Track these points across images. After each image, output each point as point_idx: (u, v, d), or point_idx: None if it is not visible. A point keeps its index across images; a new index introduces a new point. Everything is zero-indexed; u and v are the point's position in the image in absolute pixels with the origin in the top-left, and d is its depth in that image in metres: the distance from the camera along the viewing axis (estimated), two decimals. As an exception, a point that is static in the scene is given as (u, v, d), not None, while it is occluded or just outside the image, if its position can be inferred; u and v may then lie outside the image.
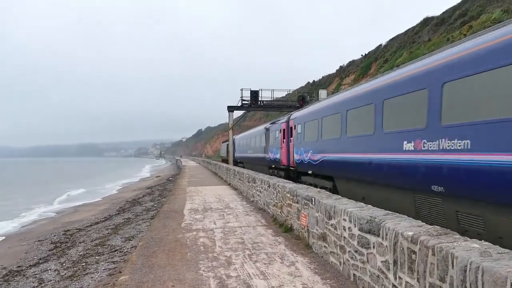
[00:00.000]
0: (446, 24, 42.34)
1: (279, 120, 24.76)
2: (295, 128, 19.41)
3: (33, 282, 9.64)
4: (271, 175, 22.34)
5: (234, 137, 44.03)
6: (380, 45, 62.83)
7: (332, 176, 14.27)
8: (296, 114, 20.29)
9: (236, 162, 41.93)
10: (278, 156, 22.77)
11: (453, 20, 41.10)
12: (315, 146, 15.71)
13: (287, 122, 21.42)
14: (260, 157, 28.71)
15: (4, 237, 18.60)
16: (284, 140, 21.70)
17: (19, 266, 11.80)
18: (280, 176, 21.09)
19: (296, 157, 18.75)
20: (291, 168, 20.47)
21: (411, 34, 51.70)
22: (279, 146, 22.56)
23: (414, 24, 54.50)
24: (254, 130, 34.26)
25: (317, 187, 12.55)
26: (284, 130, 21.88)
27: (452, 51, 7.80)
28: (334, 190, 13.74)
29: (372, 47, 73.46)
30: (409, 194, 9.12)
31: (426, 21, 50.30)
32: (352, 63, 70.56)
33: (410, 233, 4.37)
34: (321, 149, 14.94)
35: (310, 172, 16.64)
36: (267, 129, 27.33)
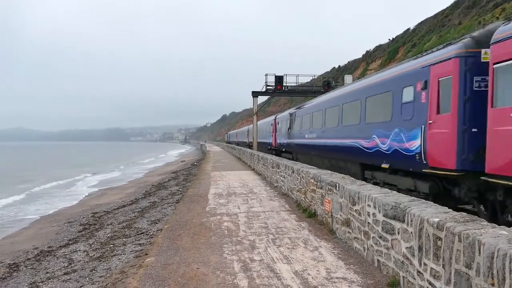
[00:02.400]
0: (478, 6, 40.98)
1: (414, 60, 11.43)
2: None
3: (63, 262, 9.95)
4: (370, 182, 12.26)
5: (277, 115, 34.25)
6: (408, 29, 61.43)
7: None
8: None
9: (278, 151, 31.37)
10: (417, 144, 10.37)
11: (485, 3, 39.73)
12: None
13: (477, 48, 8.86)
14: (340, 146, 16.01)
15: (38, 217, 19.25)
16: (453, 102, 9.14)
17: (50, 247, 12.21)
18: (420, 196, 9.53)
19: None
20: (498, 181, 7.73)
21: (441, 17, 50.30)
22: (419, 121, 10.35)
23: (444, 7, 53.01)
24: (324, 98, 20.17)
25: None
26: (454, 76, 9.15)
27: None
28: None
29: (400, 31, 71.92)
30: None
31: (457, 3, 48.78)
32: (379, 47, 69.27)
33: (436, 220, 4.32)
34: None
35: None
36: (357, 91, 15.04)
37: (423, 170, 10.06)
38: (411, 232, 4.88)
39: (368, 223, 6.29)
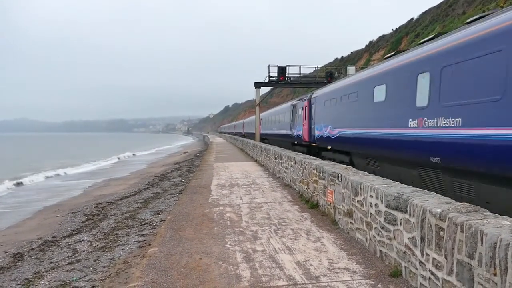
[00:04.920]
0: (482, -4, 40.64)
1: None
2: None
3: (67, 252, 10.02)
4: None
5: (311, 94, 22.29)
6: (412, 18, 61.07)
7: None
8: None
9: (316, 149, 21.00)
10: None
11: (490, -8, 39.38)
12: None
13: None
14: None
15: (42, 208, 19.36)
16: None
17: (54, 237, 12.27)
18: None
19: None
20: None
21: (445, 7, 49.92)
22: None
23: (448, -4, 52.60)
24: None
25: None
26: None
27: None
28: None
29: (403, 21, 71.56)
30: None
31: (461, -7, 48.41)
32: (382, 38, 68.94)
33: (439, 210, 4.31)
34: None
35: None
36: None
37: None
38: (413, 223, 4.88)
39: (371, 213, 6.30)
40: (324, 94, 19.81)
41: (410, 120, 10.15)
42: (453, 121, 8.45)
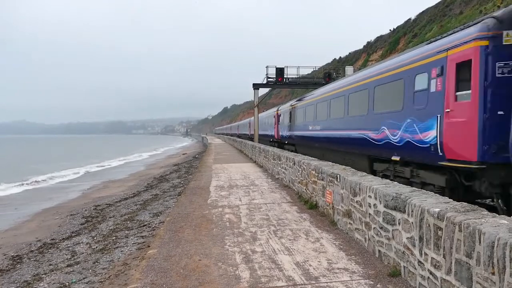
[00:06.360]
0: (479, -4, 40.71)
1: None
2: None
3: (66, 254, 10.02)
4: None
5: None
6: (409, 19, 61.18)
7: None
8: None
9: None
10: None
11: (487, -8, 39.45)
12: None
13: None
14: None
15: (41, 210, 19.32)
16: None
17: (53, 239, 12.27)
18: None
19: None
20: None
21: (442, 7, 50.01)
22: None
23: (445, -4, 52.70)
24: None
25: None
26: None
27: None
28: None
29: (401, 21, 71.79)
30: None
31: (458, -7, 48.49)
32: (380, 38, 69.03)
33: (437, 210, 4.33)
34: None
35: None
36: None
37: None
38: (412, 223, 4.89)
39: (369, 214, 6.31)
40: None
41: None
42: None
